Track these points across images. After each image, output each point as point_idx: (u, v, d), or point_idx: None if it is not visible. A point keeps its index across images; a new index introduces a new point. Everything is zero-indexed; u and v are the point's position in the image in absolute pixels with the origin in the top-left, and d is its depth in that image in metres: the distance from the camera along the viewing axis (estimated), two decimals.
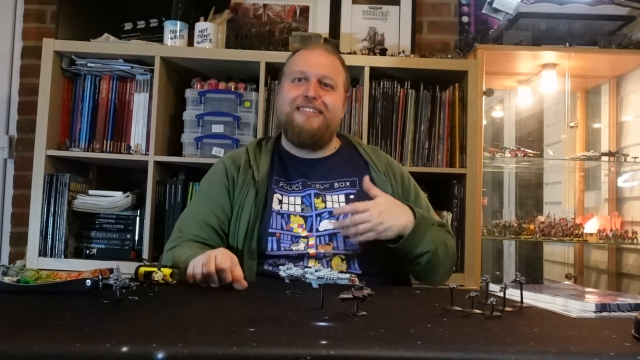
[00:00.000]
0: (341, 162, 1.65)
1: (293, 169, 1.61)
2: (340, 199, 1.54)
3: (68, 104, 2.26)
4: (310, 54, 1.63)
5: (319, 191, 1.55)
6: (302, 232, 1.49)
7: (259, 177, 1.55)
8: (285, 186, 1.57)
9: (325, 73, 1.58)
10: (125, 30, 2.46)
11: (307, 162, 1.63)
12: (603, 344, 0.76)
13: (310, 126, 1.56)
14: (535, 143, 3.04)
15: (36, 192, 2.14)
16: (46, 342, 0.66)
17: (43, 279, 1.07)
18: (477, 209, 2.20)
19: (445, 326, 0.83)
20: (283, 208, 1.52)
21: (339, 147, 1.69)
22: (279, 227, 1.49)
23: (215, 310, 0.96)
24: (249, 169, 1.58)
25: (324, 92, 1.57)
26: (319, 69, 1.58)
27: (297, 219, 1.51)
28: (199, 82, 2.28)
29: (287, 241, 1.48)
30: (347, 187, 1.58)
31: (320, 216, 1.51)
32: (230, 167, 1.60)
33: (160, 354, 0.63)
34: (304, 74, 1.58)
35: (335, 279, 0.96)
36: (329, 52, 1.65)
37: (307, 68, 1.58)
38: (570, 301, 1.01)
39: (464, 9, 2.72)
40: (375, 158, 1.66)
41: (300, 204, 1.53)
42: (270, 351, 0.65)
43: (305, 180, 1.58)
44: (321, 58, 1.61)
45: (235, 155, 1.66)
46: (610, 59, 2.46)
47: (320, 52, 1.64)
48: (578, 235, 2.42)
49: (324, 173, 1.60)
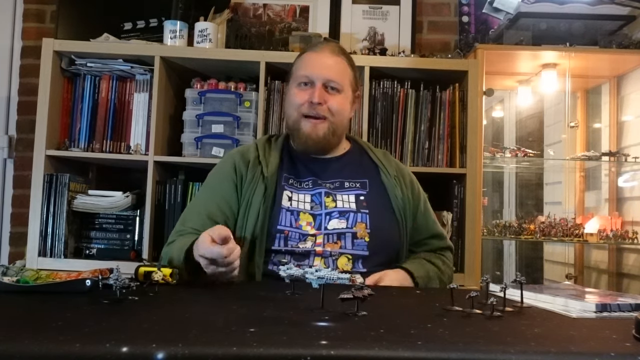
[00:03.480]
0: (352, 163, 1.65)
1: (303, 167, 1.61)
2: (350, 199, 1.55)
3: (68, 103, 2.26)
4: (315, 57, 1.61)
5: (329, 190, 1.56)
6: (311, 230, 1.49)
7: (268, 173, 1.54)
8: (295, 184, 1.58)
9: (331, 77, 1.57)
10: (125, 30, 2.46)
11: (317, 161, 1.63)
12: (603, 344, 0.75)
13: (317, 135, 1.57)
14: (536, 143, 3.04)
15: (36, 192, 2.14)
16: (46, 342, 0.66)
17: (43, 279, 1.07)
18: (477, 209, 2.19)
19: (446, 326, 0.83)
20: (293, 205, 1.52)
21: (349, 149, 1.70)
22: (288, 224, 1.49)
23: (215, 310, 0.96)
24: (258, 165, 1.57)
25: (329, 96, 1.57)
26: (324, 72, 1.57)
27: (306, 216, 1.51)
28: (198, 82, 2.28)
29: (295, 239, 1.48)
30: (358, 188, 1.58)
31: (330, 215, 1.52)
32: (239, 162, 1.59)
33: (160, 354, 0.63)
34: (309, 79, 1.58)
35: (335, 279, 0.96)
36: (335, 54, 1.62)
37: (312, 72, 1.58)
38: (570, 301, 1.01)
39: (464, 8, 2.72)
40: (386, 162, 1.67)
41: (310, 202, 1.54)
42: (270, 351, 0.65)
43: (316, 179, 1.58)
44: (327, 60, 1.60)
45: (244, 150, 1.65)
46: (610, 58, 2.45)
47: (326, 54, 1.61)
48: (578, 235, 2.42)
49: (334, 172, 1.61)
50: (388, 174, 1.62)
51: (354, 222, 1.51)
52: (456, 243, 2.20)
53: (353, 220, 1.51)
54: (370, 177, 1.61)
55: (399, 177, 1.64)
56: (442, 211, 2.20)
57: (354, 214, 1.52)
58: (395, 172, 1.65)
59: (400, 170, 1.68)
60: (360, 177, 1.61)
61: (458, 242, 2.20)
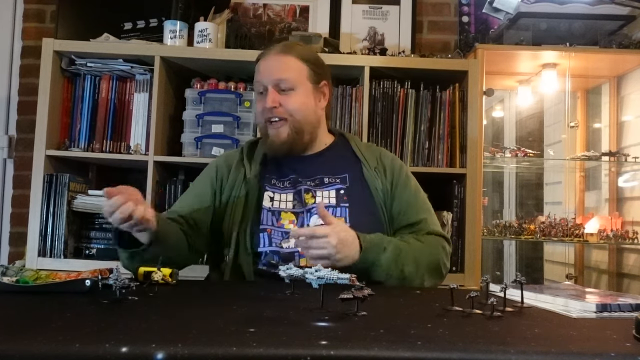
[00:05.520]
0: (332, 158, 1.64)
1: (285, 166, 1.61)
2: (330, 195, 1.55)
3: (68, 103, 2.26)
4: (263, 62, 1.59)
5: (309, 187, 1.56)
6: (293, 228, 1.49)
7: (250, 174, 1.57)
8: (277, 183, 1.58)
9: (279, 77, 1.54)
10: (125, 30, 2.46)
11: (298, 159, 1.61)
12: (604, 344, 0.75)
13: (279, 138, 1.55)
14: (536, 143, 3.04)
15: (36, 192, 2.14)
16: (46, 342, 0.66)
17: (42, 279, 1.07)
18: (477, 209, 2.19)
19: (446, 326, 0.82)
20: (274, 205, 1.53)
21: (331, 144, 1.67)
22: (270, 223, 1.51)
23: (215, 310, 0.96)
24: (241, 168, 1.60)
25: (283, 97, 1.54)
26: (272, 75, 1.55)
27: (288, 215, 1.52)
28: (198, 82, 2.28)
29: (277, 237, 1.49)
30: (337, 183, 1.58)
31: (310, 212, 1.52)
32: (222, 167, 1.63)
33: (160, 354, 0.63)
34: (262, 85, 1.57)
35: (335, 279, 0.96)
36: (281, 53, 1.58)
37: (262, 77, 1.57)
38: (570, 301, 1.01)
39: (464, 8, 2.72)
40: (368, 154, 1.64)
41: (292, 200, 1.55)
42: (270, 351, 0.65)
43: (297, 177, 1.58)
44: (273, 62, 1.57)
45: (229, 155, 1.69)
46: (610, 58, 2.46)
47: (272, 55, 1.58)
48: (578, 236, 2.42)
49: (314, 169, 1.60)
50: (368, 166, 1.60)
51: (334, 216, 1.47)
52: (456, 243, 2.20)
53: (332, 215, 1.48)
54: (351, 171, 1.59)
55: (379, 169, 1.61)
56: (442, 211, 2.20)
57: (333, 208, 1.51)
58: (376, 163, 1.62)
59: (381, 160, 1.64)
60: (340, 172, 1.59)
61: (458, 242, 2.20)
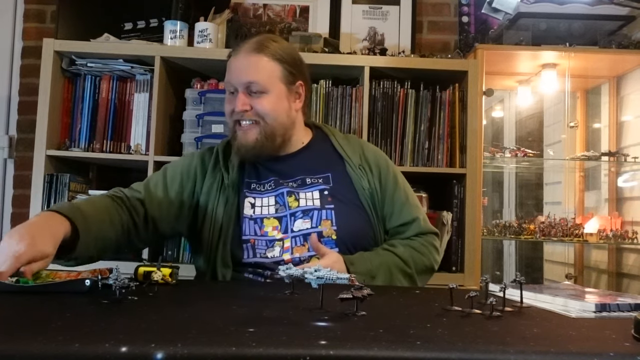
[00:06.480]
0: (312, 156, 1.56)
1: (264, 168, 1.54)
2: (314, 196, 1.48)
3: (68, 104, 2.26)
4: (234, 61, 1.49)
5: (291, 189, 1.49)
6: (277, 235, 1.44)
7: (228, 180, 1.49)
8: (257, 187, 1.51)
9: (249, 79, 1.45)
10: (125, 30, 2.46)
11: (276, 159, 1.54)
12: (603, 344, 0.75)
13: (246, 141, 1.47)
14: (535, 143, 3.04)
15: (36, 192, 2.14)
16: (45, 342, 0.66)
17: (42, 278, 1.07)
18: (477, 209, 2.20)
19: (445, 326, 0.83)
20: (256, 212, 1.47)
21: (310, 141, 1.60)
22: (253, 232, 1.44)
23: (215, 310, 0.96)
24: (217, 174, 1.51)
25: (254, 100, 1.46)
26: (242, 77, 1.46)
27: (270, 221, 1.46)
28: (199, 82, 2.28)
29: (262, 247, 1.43)
30: (320, 183, 1.51)
31: (294, 215, 1.46)
32: (198, 165, 1.54)
33: (160, 354, 0.63)
34: (232, 86, 1.48)
35: (335, 279, 0.96)
36: (251, 53, 1.47)
37: (232, 79, 1.48)
38: (570, 301, 1.01)
39: (464, 8, 2.72)
40: (350, 150, 1.57)
41: (275, 204, 1.48)
42: (269, 351, 0.65)
43: (277, 179, 1.51)
44: (243, 63, 1.47)
45: (205, 155, 1.58)
46: (610, 59, 2.46)
47: (242, 55, 1.48)
48: (578, 235, 2.42)
49: (295, 170, 1.53)
50: (353, 165, 1.53)
51: (319, 220, 1.45)
52: (456, 243, 2.20)
53: (317, 218, 1.45)
54: (333, 170, 1.52)
55: (364, 166, 1.55)
56: (442, 211, 2.20)
57: (317, 211, 1.46)
58: (360, 160, 1.56)
59: (365, 156, 1.57)
60: (322, 171, 1.52)
61: (458, 242, 2.21)
